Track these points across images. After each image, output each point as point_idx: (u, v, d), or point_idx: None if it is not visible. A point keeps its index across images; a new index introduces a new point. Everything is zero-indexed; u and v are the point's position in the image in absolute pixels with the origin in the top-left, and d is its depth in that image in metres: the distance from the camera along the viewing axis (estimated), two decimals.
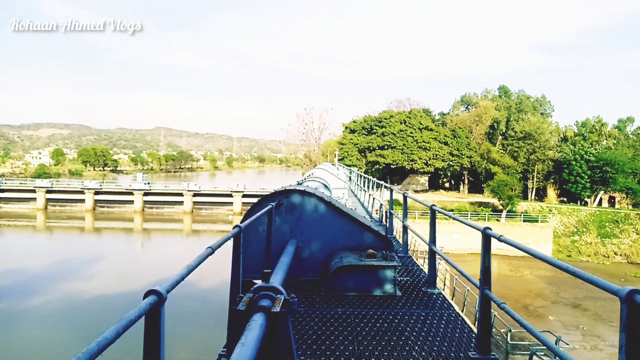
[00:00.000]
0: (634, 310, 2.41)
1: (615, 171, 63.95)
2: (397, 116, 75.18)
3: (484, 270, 4.35)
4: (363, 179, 21.42)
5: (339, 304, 6.01)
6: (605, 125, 74.77)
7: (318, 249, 7.08)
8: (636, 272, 48.51)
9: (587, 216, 60.61)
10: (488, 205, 61.15)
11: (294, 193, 7.08)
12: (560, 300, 36.52)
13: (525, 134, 70.49)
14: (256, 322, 2.89)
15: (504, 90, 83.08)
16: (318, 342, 4.78)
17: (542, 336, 3.37)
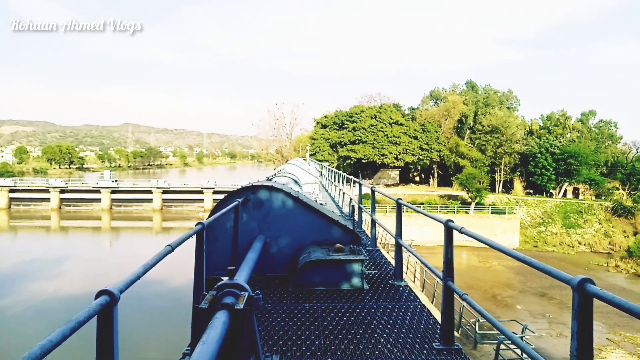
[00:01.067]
0: (584, 298, 2.49)
1: (579, 163, 65.92)
2: (368, 111, 75.62)
3: (447, 262, 4.42)
4: (333, 174, 21.48)
5: (307, 299, 6.01)
6: (569, 119, 76.89)
7: (286, 245, 7.07)
8: (599, 260, 50.19)
9: (552, 207, 62.35)
10: (457, 198, 62.20)
11: (261, 189, 7.03)
12: (527, 289, 37.50)
13: (492, 128, 71.90)
14: (219, 320, 2.86)
15: (472, 85, 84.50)
16: (285, 337, 4.78)
17: (501, 326, 3.44)
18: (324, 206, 12.25)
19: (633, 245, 50.01)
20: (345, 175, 16.15)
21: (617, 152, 79.23)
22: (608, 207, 61.75)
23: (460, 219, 55.27)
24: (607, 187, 68.22)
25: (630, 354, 26.18)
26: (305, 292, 6.29)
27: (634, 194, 65.09)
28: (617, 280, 43.31)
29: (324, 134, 76.61)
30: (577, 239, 57.88)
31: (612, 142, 78.69)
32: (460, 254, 47.38)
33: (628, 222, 59.49)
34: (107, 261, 44.66)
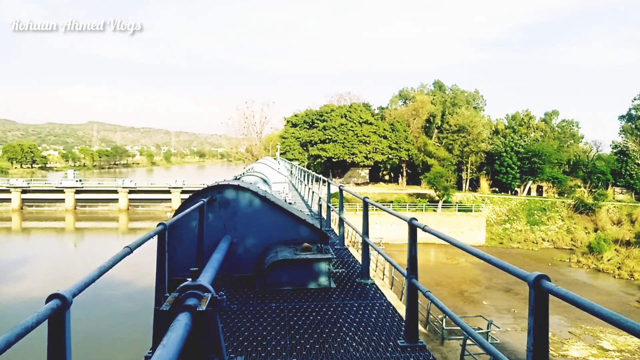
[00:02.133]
0: (540, 294, 2.54)
1: (543, 162, 67.83)
2: (338, 110, 75.91)
3: (411, 260, 4.46)
4: (303, 173, 21.46)
5: (274, 299, 5.98)
6: (533, 119, 78.96)
7: (253, 245, 7.02)
8: (562, 256, 51.77)
9: (517, 205, 63.96)
10: (425, 197, 63.10)
11: (227, 188, 6.96)
12: (494, 285, 38.36)
13: (459, 127, 73.22)
14: (180, 322, 2.81)
15: (439, 85, 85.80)
16: (250, 338, 4.74)
17: (461, 322, 3.50)
18: (293, 205, 12.22)
19: (594, 241, 51.79)
20: (314, 174, 16.15)
21: (578, 150, 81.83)
22: (570, 205, 63.77)
23: (428, 217, 56.10)
24: (569, 185, 70.42)
25: (590, 345, 27.09)
26: (272, 292, 6.26)
27: (595, 191, 67.43)
28: (579, 275, 44.77)
29: (294, 132, 76.51)
30: (541, 236, 59.57)
31: (574, 141, 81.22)
32: (428, 251, 48.09)
33: (589, 218, 61.58)
34: (71, 263, 43.46)
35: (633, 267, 45.09)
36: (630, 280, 42.85)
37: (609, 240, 51.37)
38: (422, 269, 28.38)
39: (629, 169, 71.51)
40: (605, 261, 47.63)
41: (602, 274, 45.46)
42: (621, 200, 68.36)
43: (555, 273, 44.85)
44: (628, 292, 39.25)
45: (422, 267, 22.92)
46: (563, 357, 25.75)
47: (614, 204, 64.43)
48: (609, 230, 57.07)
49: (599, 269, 46.53)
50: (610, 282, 42.67)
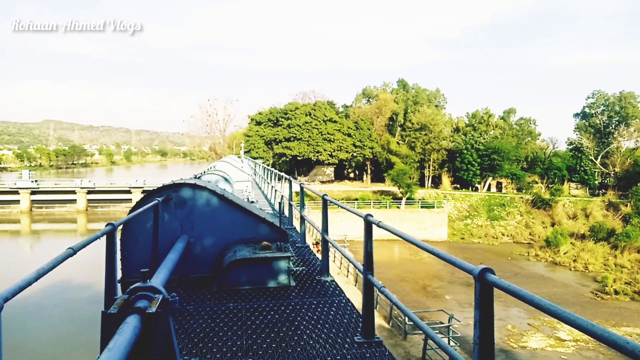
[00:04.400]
0: (485, 288, 2.58)
1: (502, 159, 69.73)
2: (303, 108, 75.85)
3: (367, 256, 4.47)
4: (267, 171, 21.33)
5: (232, 299, 5.90)
6: (492, 117, 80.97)
7: (211, 244, 6.91)
8: (521, 250, 53.39)
9: (477, 201, 65.56)
10: (389, 194, 63.89)
11: (183, 187, 6.82)
12: (456, 280, 39.16)
13: (421, 125, 74.40)
14: (129, 325, 2.73)
15: (402, 84, 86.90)
16: (205, 339, 4.66)
17: (414, 317, 3.53)
18: (254, 204, 12.12)
19: (551, 235, 53.67)
20: (277, 172, 16.07)
21: (536, 147, 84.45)
22: (528, 200, 65.86)
23: (392, 214, 56.84)
24: (527, 181, 72.66)
25: (548, 336, 28.05)
26: (230, 292, 6.18)
27: (552, 187, 69.82)
28: (537, 269, 46.28)
29: (258, 130, 76.00)
30: (501, 231, 61.27)
31: (531, 139, 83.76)
32: (392, 247, 48.71)
33: (546, 213, 63.77)
34: (25, 266, 41.83)
35: (587, 259, 46.96)
36: (585, 272, 44.60)
37: (565, 234, 53.33)
38: (387, 265, 29.11)
39: (583, 165, 74.40)
40: (562, 254, 49.43)
41: (559, 266, 47.14)
42: (576, 195, 71.08)
43: (515, 267, 46.22)
44: (583, 284, 40.85)
45: (386, 263, 23.60)
46: (522, 348, 26.55)
47: (569, 199, 66.95)
48: (565, 225, 59.23)
49: (556, 262, 48.22)
50: (566, 275, 44.29)
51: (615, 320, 31.80)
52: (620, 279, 40.33)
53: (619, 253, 47.62)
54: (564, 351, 26.11)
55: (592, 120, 78.40)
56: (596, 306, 34.92)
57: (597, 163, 74.96)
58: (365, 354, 4.32)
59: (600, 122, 77.78)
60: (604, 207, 63.49)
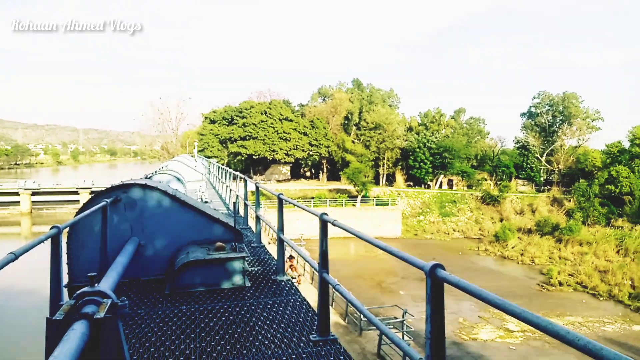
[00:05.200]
0: (436, 283, 2.64)
1: (453, 157, 71.71)
2: (258, 106, 75.29)
3: (322, 254, 4.49)
4: (221, 171, 21.03)
5: (185, 301, 5.78)
6: (443, 116, 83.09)
7: (163, 246, 6.74)
8: (471, 245, 55.08)
9: (430, 198, 67.14)
10: (345, 192, 64.44)
11: (133, 187, 6.61)
12: (409, 275, 39.90)
13: (375, 125, 75.45)
14: (75, 331, 2.62)
15: (357, 84, 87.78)
16: (157, 343, 4.54)
17: (368, 314, 3.56)
18: (208, 204, 11.93)
19: (499, 230, 55.65)
20: (232, 171, 15.87)
21: (485, 146, 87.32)
22: (478, 197, 68.05)
23: (348, 212, 57.36)
24: (477, 178, 75.08)
25: (497, 328, 29.08)
26: (183, 295, 6.05)
27: (500, 184, 72.44)
28: (487, 263, 47.87)
29: (212, 129, 74.84)
30: (452, 227, 63.02)
31: (480, 137, 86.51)
32: (348, 244, 49.16)
33: (495, 209, 66.09)
34: None
35: (534, 253, 49.00)
36: (532, 266, 46.52)
37: (512, 229, 55.43)
38: (343, 262, 29.30)
39: (529, 162, 77.59)
40: (510, 248, 51.35)
41: (507, 260, 48.94)
42: (523, 191, 74.05)
43: (466, 261, 47.64)
44: (530, 276, 42.59)
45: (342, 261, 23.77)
46: (474, 340, 27.42)
47: (516, 195, 69.67)
48: (512, 220, 61.59)
49: (505, 256, 50.05)
50: (514, 268, 46.04)
51: (559, 310, 33.34)
52: (564, 271, 42.30)
53: (563, 246, 49.92)
54: (512, 341, 27.16)
55: (537, 120, 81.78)
56: (542, 297, 36.49)
57: (542, 161, 78.34)
58: (321, 352, 4.33)
59: (545, 121, 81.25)
60: (549, 203, 66.48)
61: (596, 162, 69.12)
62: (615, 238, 48.95)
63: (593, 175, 67.27)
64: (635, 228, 52.56)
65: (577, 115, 77.68)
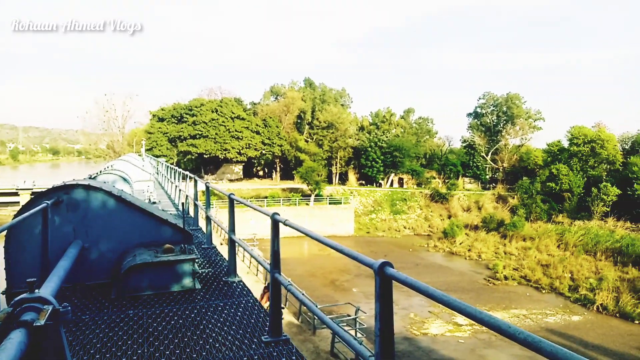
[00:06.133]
0: (385, 281, 2.68)
1: (403, 156, 73.23)
2: (209, 104, 74.00)
3: (274, 254, 4.46)
4: (170, 170, 20.53)
5: (132, 306, 5.61)
6: (393, 116, 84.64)
7: (108, 249, 6.50)
8: (421, 242, 56.42)
9: (381, 196, 68.27)
10: (298, 191, 64.47)
11: (76, 188, 6.34)
12: (362, 273, 40.40)
13: (328, 124, 75.94)
14: (12, 341, 2.47)
15: (309, 82, 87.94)
16: (103, 350, 4.38)
17: (319, 312, 3.58)
18: (156, 205, 11.63)
19: (447, 227, 57.32)
20: (181, 171, 15.52)
21: (433, 145, 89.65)
22: (427, 195, 69.83)
23: (302, 211, 57.44)
24: (426, 176, 77.01)
25: (447, 322, 29.91)
26: (130, 299, 5.86)
27: (448, 182, 74.66)
28: (436, 259, 49.18)
29: (161, 127, 72.92)
30: (403, 224, 64.37)
31: (429, 137, 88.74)
32: (302, 243, 49.22)
33: (443, 207, 68.03)
34: None
35: (480, 248, 50.75)
36: (479, 261, 48.16)
37: (460, 226, 57.22)
38: (297, 261, 29.28)
39: (475, 161, 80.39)
40: (458, 245, 52.97)
41: (455, 256, 50.46)
42: (470, 189, 76.66)
43: (416, 258, 48.76)
44: (477, 271, 44.07)
45: (296, 260, 23.75)
46: (424, 335, 28.09)
47: (464, 192, 72.01)
48: (460, 217, 63.58)
49: (453, 252, 51.57)
50: (462, 263, 47.53)
51: (505, 303, 34.69)
52: (509, 266, 44.04)
53: (508, 242, 51.98)
54: (461, 335, 28.02)
55: (483, 120, 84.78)
56: (489, 291, 37.87)
57: (487, 159, 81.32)
58: (273, 353, 4.31)
59: (490, 121, 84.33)
60: (494, 200, 69.10)
61: (538, 160, 72.43)
62: (556, 233, 51.39)
63: (535, 173, 70.41)
64: (575, 223, 55.51)
65: (520, 115, 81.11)
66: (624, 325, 30.76)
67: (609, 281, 36.00)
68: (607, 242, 45.57)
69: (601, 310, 33.05)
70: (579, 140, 64.62)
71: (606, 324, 31.05)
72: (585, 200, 59.69)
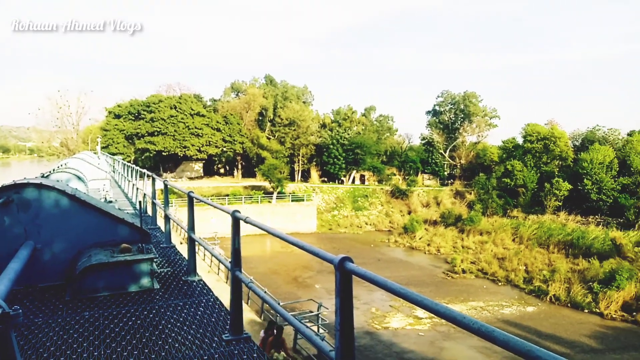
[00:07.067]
0: (344, 276, 2.71)
1: (364, 153, 73.98)
2: (167, 101, 72.43)
3: (235, 252, 4.43)
4: (127, 168, 20.02)
5: (88, 307, 5.45)
6: (355, 113, 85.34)
7: (62, 250, 6.29)
8: (382, 238, 57.19)
9: (343, 193, 68.77)
10: (260, 188, 64.09)
11: (27, 187, 6.09)
12: (324, 269, 40.62)
13: (290, 121, 75.78)
14: None
15: (270, 79, 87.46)
16: (57, 353, 4.24)
17: (280, 309, 3.59)
18: (113, 204, 11.33)
19: (408, 222, 58.33)
20: (139, 169, 15.16)
21: (393, 142, 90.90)
22: (388, 191, 70.85)
23: (264, 208, 57.18)
24: (386, 173, 78.06)
25: (407, 316, 30.45)
26: (86, 300, 5.69)
27: (408, 178, 75.95)
28: (397, 254, 49.97)
29: (117, 124, 70.89)
30: (364, 220, 65.07)
31: (389, 134, 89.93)
32: (264, 241, 49.01)
33: (404, 203, 69.18)
34: None
35: (439, 243, 51.91)
36: (438, 255, 49.25)
37: (420, 221, 58.33)
38: (259, 259, 29.05)
39: (434, 157, 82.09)
40: (418, 239, 53.99)
41: (415, 251, 51.41)
42: (429, 185, 78.24)
43: (377, 253, 49.40)
44: (436, 266, 45.05)
45: (259, 258, 23.64)
46: (385, 329, 28.52)
47: (423, 189, 73.43)
48: (419, 212, 64.82)
49: (413, 246, 52.54)
50: (422, 258, 48.48)
51: (463, 296, 35.63)
52: (466, 259, 45.24)
53: (465, 236, 53.35)
54: (421, 328, 28.61)
55: (441, 117, 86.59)
56: (447, 285, 38.79)
57: (445, 156, 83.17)
58: (234, 351, 4.29)
59: (448, 119, 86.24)
60: (452, 196, 70.81)
61: (493, 157, 74.64)
62: (511, 227, 53.12)
63: (491, 170, 72.54)
64: (529, 217, 57.54)
65: (477, 113, 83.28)
66: (575, 314, 32.16)
67: (561, 273, 37.51)
68: (559, 236, 47.45)
69: (554, 300, 34.42)
70: (532, 137, 66.94)
71: (558, 313, 32.38)
72: (538, 195, 61.95)
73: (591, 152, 60.24)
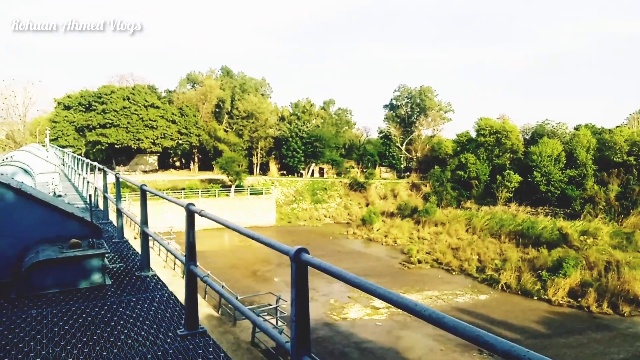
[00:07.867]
0: (300, 267, 2.71)
1: (323, 146, 74.20)
2: (120, 92, 70.12)
3: (189, 246, 4.36)
4: (78, 161, 19.31)
5: (35, 305, 5.24)
6: (313, 106, 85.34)
7: (7, 246, 6.00)
8: (341, 230, 57.67)
9: (302, 186, 68.83)
10: (218, 182, 63.26)
11: None
12: (283, 262, 40.58)
13: (248, 114, 74.96)
14: None
15: (227, 71, 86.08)
16: (1, 354, 4.06)
17: (237, 303, 3.56)
18: (62, 198, 10.91)
19: (366, 214, 59.05)
20: (89, 162, 14.64)
21: (352, 135, 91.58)
22: (346, 184, 71.45)
23: (222, 202, 56.48)
24: (345, 166, 78.68)
25: (365, 306, 30.89)
26: (33, 298, 5.47)
27: (366, 171, 76.84)
28: (355, 245, 50.54)
29: (67, 116, 68.14)
30: (323, 213, 65.42)
31: (348, 127, 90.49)
32: (222, 235, 48.49)
33: (362, 195, 69.96)
34: None
35: (396, 234, 52.83)
36: (395, 246, 50.12)
37: (377, 213, 59.15)
38: (217, 253, 28.73)
39: (391, 151, 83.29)
40: (375, 231, 54.77)
41: (373, 242, 52.14)
42: (386, 178, 79.41)
43: (336, 245, 49.81)
44: (393, 256, 45.85)
45: (217, 252, 23.39)
46: (344, 319, 28.85)
47: (380, 181, 74.48)
48: (377, 204, 65.71)
49: (371, 238, 53.27)
50: (379, 249, 49.24)
51: (419, 285, 36.45)
52: (422, 250, 46.24)
53: (421, 227, 54.50)
54: (379, 318, 29.10)
55: (398, 111, 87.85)
56: (404, 275, 39.58)
57: (402, 149, 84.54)
58: (189, 346, 4.23)
59: (404, 112, 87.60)
60: (409, 188, 72.17)
61: (448, 150, 76.44)
62: (464, 218, 54.65)
63: (446, 162, 74.30)
64: (481, 209, 59.38)
65: (432, 107, 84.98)
66: (525, 301, 33.51)
67: (512, 262, 38.94)
68: (510, 226, 49.21)
69: (505, 288, 35.72)
70: (485, 131, 68.94)
71: (510, 301, 33.65)
72: (490, 187, 63.97)
73: (540, 145, 62.64)
